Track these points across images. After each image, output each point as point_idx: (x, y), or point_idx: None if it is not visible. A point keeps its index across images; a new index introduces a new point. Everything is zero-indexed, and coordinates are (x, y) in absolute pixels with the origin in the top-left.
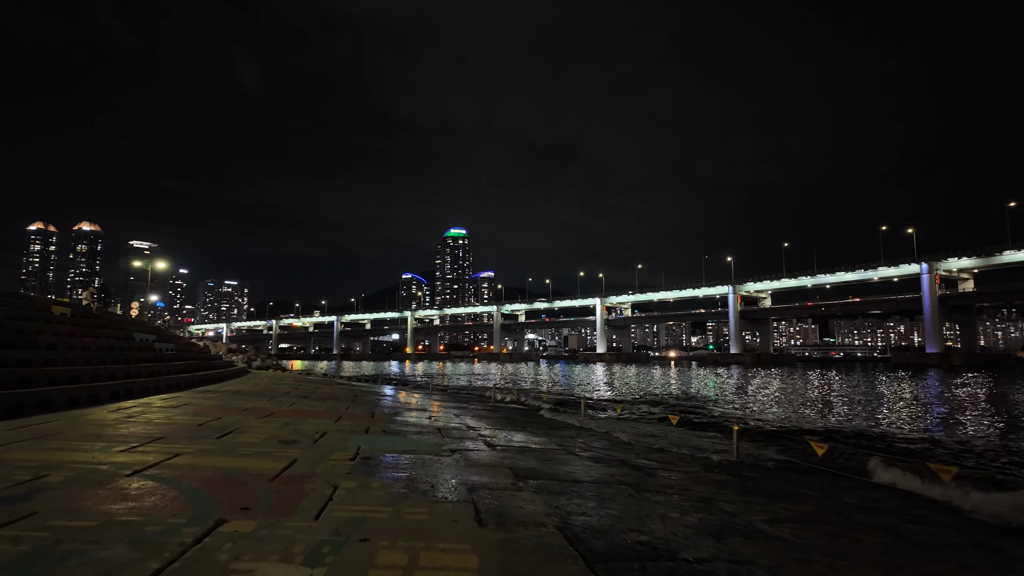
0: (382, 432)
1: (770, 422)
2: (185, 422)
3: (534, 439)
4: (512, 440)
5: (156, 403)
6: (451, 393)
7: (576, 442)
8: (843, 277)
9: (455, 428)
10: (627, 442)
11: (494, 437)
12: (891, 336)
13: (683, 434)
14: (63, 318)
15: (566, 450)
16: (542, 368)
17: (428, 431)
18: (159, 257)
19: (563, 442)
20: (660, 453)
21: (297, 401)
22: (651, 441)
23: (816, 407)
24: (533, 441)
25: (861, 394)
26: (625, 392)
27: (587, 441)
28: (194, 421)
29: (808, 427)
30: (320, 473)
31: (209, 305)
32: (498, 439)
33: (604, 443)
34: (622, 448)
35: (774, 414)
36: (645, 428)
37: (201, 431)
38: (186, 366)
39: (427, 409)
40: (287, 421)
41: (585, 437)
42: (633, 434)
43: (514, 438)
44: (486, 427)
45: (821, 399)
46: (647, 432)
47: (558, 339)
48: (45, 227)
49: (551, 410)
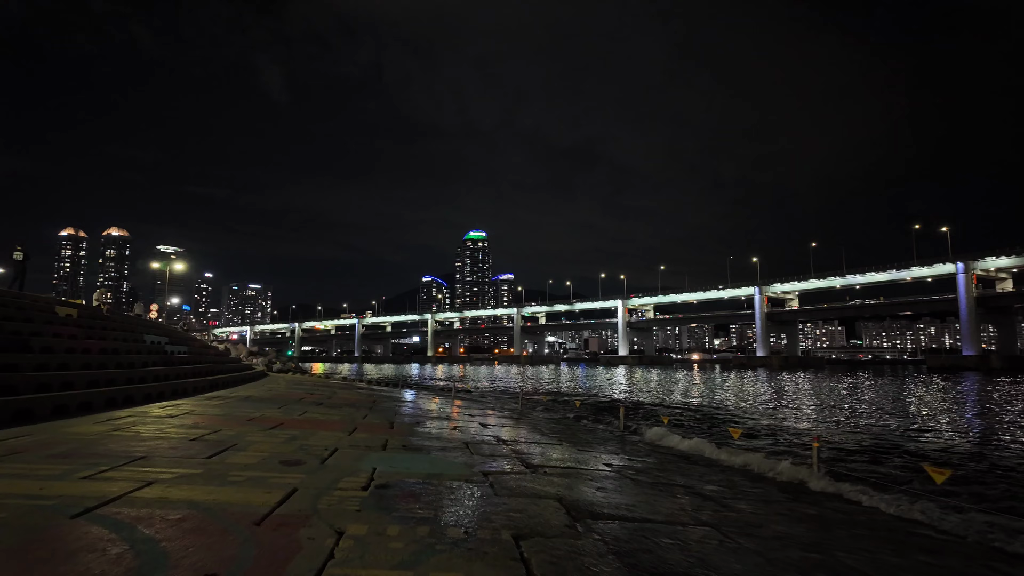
0: (401, 448)
1: (842, 435)
2: (177, 436)
3: (576, 455)
4: (550, 457)
5: (154, 412)
6: (474, 398)
7: (623, 460)
8: (874, 278)
9: (484, 442)
10: (682, 455)
11: (530, 454)
12: (921, 338)
13: (740, 448)
14: (68, 320)
15: (618, 472)
16: (563, 371)
17: (453, 446)
18: (184, 261)
19: (609, 459)
20: (725, 474)
21: (310, 409)
22: (711, 457)
23: (879, 416)
24: (576, 459)
25: (920, 401)
26: (659, 397)
27: (635, 457)
28: (188, 435)
29: (887, 442)
30: (323, 510)
31: (233, 308)
32: (534, 456)
33: (654, 459)
34: (679, 468)
35: (840, 425)
36: (697, 443)
37: (191, 448)
38: (197, 370)
39: (450, 417)
40: (294, 434)
41: (631, 452)
42: (688, 447)
43: (552, 455)
44: (518, 440)
45: (877, 406)
46: (693, 448)
47: (578, 341)
48: (76, 232)
49: (585, 418)
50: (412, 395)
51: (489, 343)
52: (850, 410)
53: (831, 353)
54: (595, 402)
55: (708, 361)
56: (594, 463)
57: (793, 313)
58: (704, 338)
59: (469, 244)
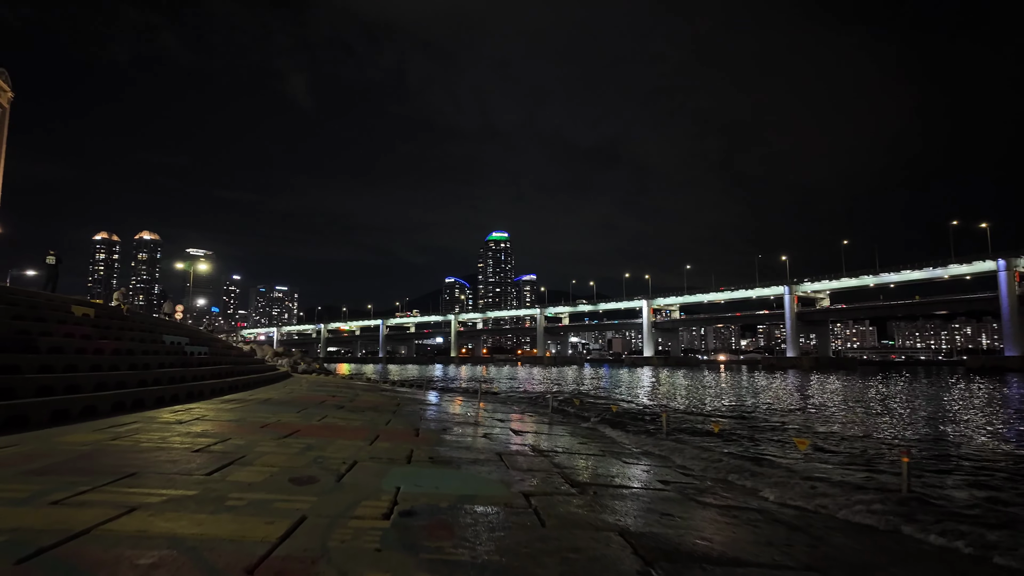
0: (428, 460)
1: (915, 445)
2: (180, 446)
3: (624, 470)
4: (597, 473)
5: (163, 417)
6: (502, 400)
7: (679, 475)
8: (909, 275)
9: (519, 453)
10: (742, 469)
11: (572, 468)
12: (956, 338)
13: (814, 463)
14: (85, 319)
15: (679, 492)
16: (587, 372)
17: (486, 457)
18: (210, 262)
19: (663, 474)
20: (814, 499)
21: (331, 413)
22: (779, 476)
23: (941, 422)
24: (625, 475)
25: (986, 404)
26: (696, 401)
27: (690, 472)
28: (193, 444)
29: (976, 453)
30: (334, 550)
31: (261, 310)
32: (578, 471)
33: (712, 474)
34: (744, 487)
35: (911, 432)
36: (756, 455)
37: (192, 461)
38: (216, 372)
39: (478, 423)
40: (310, 443)
41: (683, 465)
42: (738, 460)
43: (598, 469)
44: (556, 450)
45: (940, 410)
46: (742, 464)
47: (601, 342)
48: (109, 236)
49: (626, 424)
50: (437, 397)
51: (512, 344)
52: (909, 415)
53: (862, 354)
54: (631, 406)
55: (735, 362)
56: (647, 479)
57: (824, 313)
58: (730, 339)
59: (491, 245)
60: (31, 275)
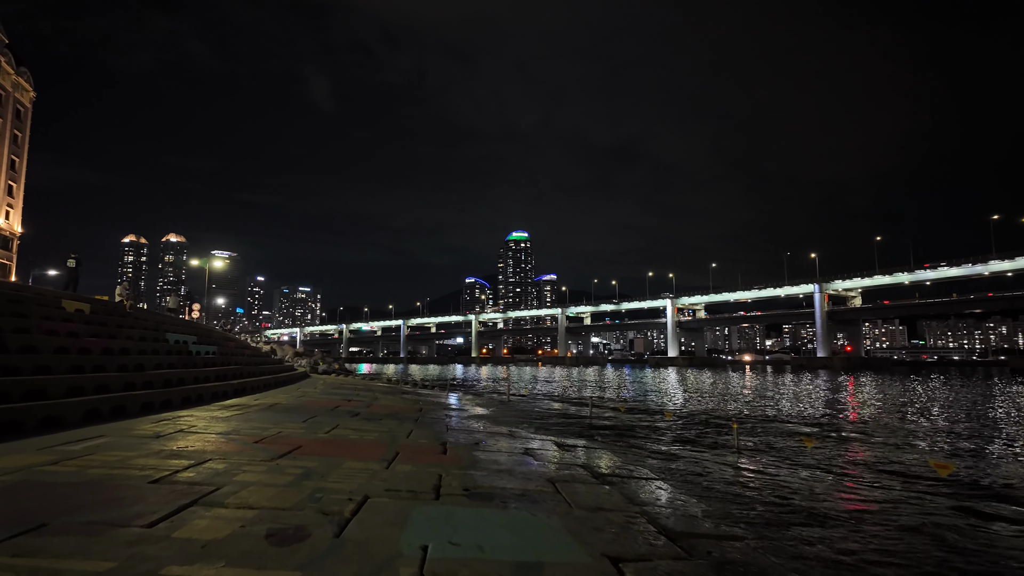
0: (462, 493)
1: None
2: (140, 473)
3: (724, 507)
4: (691, 514)
5: (140, 428)
6: (532, 404)
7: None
8: (947, 272)
9: (576, 479)
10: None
11: (655, 505)
12: (991, 338)
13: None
14: (78, 316)
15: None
16: (610, 373)
17: (537, 487)
18: (226, 260)
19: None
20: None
21: (343, 422)
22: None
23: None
24: (729, 526)
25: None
26: (748, 407)
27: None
28: (157, 470)
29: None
30: None
31: (284, 311)
32: (664, 511)
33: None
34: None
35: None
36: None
37: (142, 499)
38: (222, 373)
39: (515, 433)
40: (310, 467)
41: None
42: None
43: (689, 507)
44: (623, 475)
45: (1009, 416)
46: (814, 477)
47: (623, 342)
48: (137, 239)
49: (688, 440)
50: (462, 401)
51: (532, 344)
52: (985, 419)
53: (892, 354)
54: (683, 412)
55: (760, 362)
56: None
57: (856, 311)
58: (755, 339)
59: (511, 245)
60: (53, 275)
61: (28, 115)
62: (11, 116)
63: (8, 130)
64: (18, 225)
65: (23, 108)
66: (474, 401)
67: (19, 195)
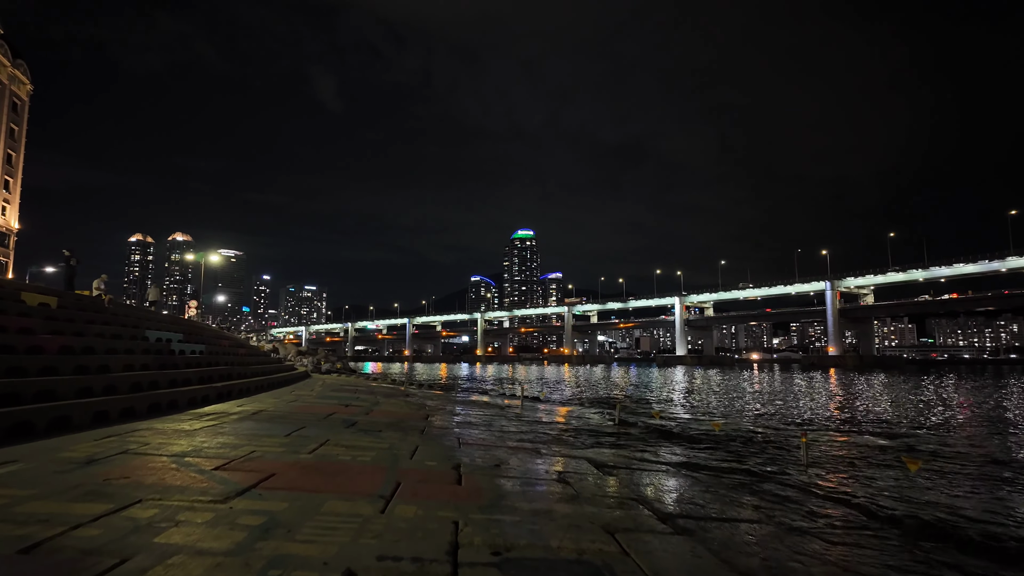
0: (491, 560)
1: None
2: (17, 531)
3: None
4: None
5: (70, 450)
6: (548, 408)
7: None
8: (962, 269)
9: (650, 529)
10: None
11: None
12: (1002, 336)
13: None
14: (40, 311)
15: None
16: (617, 371)
17: (596, 545)
18: (232, 259)
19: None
20: None
21: (334, 436)
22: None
23: None
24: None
25: None
26: (782, 411)
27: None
28: (49, 524)
29: None
30: None
31: (290, 309)
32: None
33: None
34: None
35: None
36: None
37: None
38: (205, 375)
39: (539, 450)
40: (273, 515)
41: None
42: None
43: (814, 570)
44: (699, 514)
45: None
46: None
47: (629, 341)
48: (144, 238)
49: (746, 462)
50: (473, 406)
51: (538, 342)
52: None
53: (902, 352)
54: (732, 422)
55: (768, 361)
56: None
57: (868, 309)
58: (762, 337)
59: (517, 243)
60: (50, 271)
61: (25, 108)
62: (7, 109)
63: (4, 123)
64: (15, 221)
65: (20, 101)
66: (485, 405)
67: (16, 191)
